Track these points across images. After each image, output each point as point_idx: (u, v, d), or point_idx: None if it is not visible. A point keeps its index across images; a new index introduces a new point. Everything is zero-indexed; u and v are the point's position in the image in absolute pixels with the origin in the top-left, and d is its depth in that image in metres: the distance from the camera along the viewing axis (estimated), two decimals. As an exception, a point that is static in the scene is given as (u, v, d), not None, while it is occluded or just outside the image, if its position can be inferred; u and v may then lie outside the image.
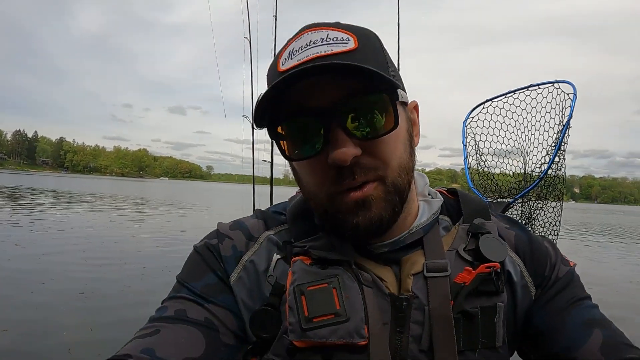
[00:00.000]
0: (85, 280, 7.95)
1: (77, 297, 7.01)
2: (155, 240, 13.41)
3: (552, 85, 3.16)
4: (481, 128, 3.56)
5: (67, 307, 6.55)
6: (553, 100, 3.17)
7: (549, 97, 3.19)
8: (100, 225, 16.39)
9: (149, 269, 9.27)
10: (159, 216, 21.80)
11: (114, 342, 5.23)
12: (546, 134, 3.30)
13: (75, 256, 10.02)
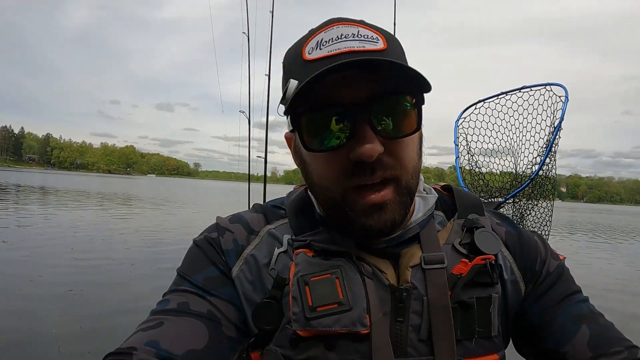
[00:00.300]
0: (74, 278, 7.91)
1: (66, 294, 6.97)
2: (143, 237, 13.34)
3: (544, 88, 3.18)
4: (473, 128, 3.58)
5: (56, 304, 6.51)
6: (545, 102, 3.19)
7: (541, 99, 3.21)
8: (87, 222, 16.29)
9: (137, 266, 9.24)
10: (146, 213, 21.67)
11: (104, 339, 5.24)
12: (537, 135, 3.32)
13: (63, 253, 9.97)
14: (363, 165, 0.82)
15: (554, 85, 3.14)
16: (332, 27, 0.85)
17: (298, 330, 0.85)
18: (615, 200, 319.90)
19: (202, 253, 0.97)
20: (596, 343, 0.89)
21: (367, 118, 0.80)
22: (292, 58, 0.89)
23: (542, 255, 1.02)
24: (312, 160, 0.90)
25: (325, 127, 0.83)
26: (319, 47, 0.84)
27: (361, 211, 0.85)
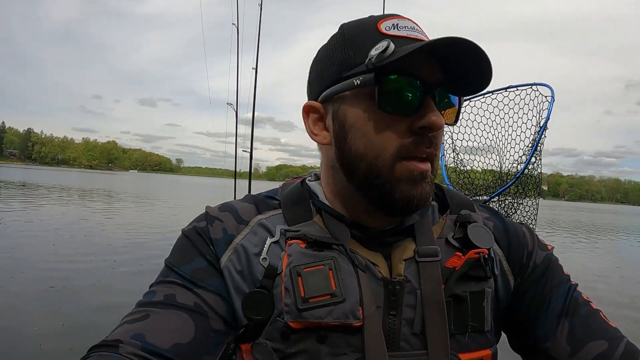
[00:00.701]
0: (56, 274, 7.82)
1: (48, 291, 6.88)
2: (125, 233, 13.22)
3: (530, 88, 3.19)
4: (458, 127, 3.58)
5: (37, 301, 6.43)
6: (531, 102, 3.21)
7: (527, 99, 3.23)
8: (69, 218, 16.10)
9: (120, 261, 9.15)
10: (128, 209, 21.55)
11: (87, 335, 5.16)
12: (523, 134, 3.34)
13: (44, 249, 9.85)
14: (423, 137, 0.84)
15: (540, 86, 3.16)
16: (403, 18, 0.90)
17: (290, 321, 0.84)
18: (596, 198, 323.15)
19: (190, 244, 0.95)
20: (575, 337, 0.90)
21: (435, 97, 0.85)
22: (362, 30, 0.90)
23: (530, 247, 1.02)
24: (369, 124, 0.88)
25: (404, 93, 0.85)
26: (397, 28, 0.87)
27: (410, 178, 0.86)
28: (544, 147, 3.16)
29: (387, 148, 0.86)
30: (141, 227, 14.83)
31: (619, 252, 18.57)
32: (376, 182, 0.88)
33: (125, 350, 0.76)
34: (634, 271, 13.03)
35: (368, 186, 0.90)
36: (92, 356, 0.76)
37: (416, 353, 0.87)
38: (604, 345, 0.89)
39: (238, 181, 7.43)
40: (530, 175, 3.29)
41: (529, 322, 0.96)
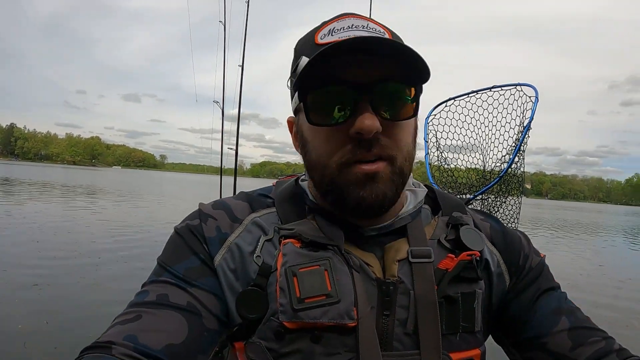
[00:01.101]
0: (39, 272, 7.80)
1: (31, 289, 6.87)
2: (110, 229, 13.22)
3: (515, 88, 3.21)
4: (442, 126, 3.60)
5: (21, 299, 6.41)
6: (515, 102, 3.22)
7: (511, 98, 3.24)
8: (53, 215, 16.01)
9: (104, 259, 9.14)
10: (112, 206, 21.41)
11: (72, 333, 5.17)
12: (507, 134, 3.36)
13: (28, 247, 9.81)
14: (361, 141, 0.84)
15: (524, 86, 3.17)
16: (344, 18, 0.91)
17: (285, 321, 0.85)
18: (578, 197, 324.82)
19: (183, 242, 0.95)
20: (576, 334, 0.94)
21: (369, 98, 0.84)
22: (304, 43, 0.94)
23: (525, 250, 1.05)
24: (314, 136, 0.92)
25: (330, 103, 0.86)
26: (331, 33, 0.89)
27: (356, 181, 0.87)
28: (527, 147, 3.18)
29: (332, 157, 0.88)
30: (125, 224, 14.79)
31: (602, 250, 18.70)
32: (329, 189, 0.91)
33: (118, 351, 0.76)
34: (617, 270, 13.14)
35: (325, 192, 0.93)
36: (84, 358, 0.76)
37: (409, 353, 0.89)
38: (602, 342, 0.93)
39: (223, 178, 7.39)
40: (513, 174, 3.31)
41: (522, 318, 0.99)
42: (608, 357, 0.91)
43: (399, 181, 0.91)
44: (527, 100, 3.13)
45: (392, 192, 0.89)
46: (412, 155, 0.94)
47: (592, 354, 0.91)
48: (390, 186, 0.89)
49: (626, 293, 9.82)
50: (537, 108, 3.01)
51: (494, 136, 3.44)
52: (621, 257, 16.93)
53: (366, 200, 0.88)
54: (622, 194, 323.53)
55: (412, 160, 0.94)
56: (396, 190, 0.91)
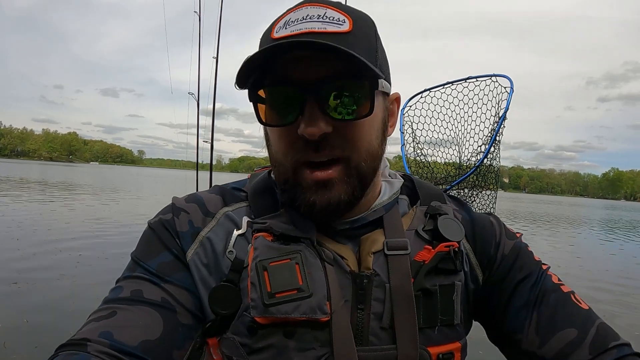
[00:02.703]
0: (19, 270, 7.68)
1: (11, 287, 6.76)
2: (89, 226, 13.08)
3: (490, 79, 3.22)
4: (418, 117, 3.60)
5: (0, 298, 6.31)
6: (490, 92, 3.23)
7: (486, 89, 3.25)
8: (32, 211, 15.79)
9: (85, 256, 9.04)
10: (91, 202, 21.24)
11: (53, 332, 5.10)
12: (482, 124, 3.37)
13: (6, 245, 9.66)
14: (309, 142, 0.82)
15: (499, 77, 3.18)
16: (301, 7, 0.86)
17: (256, 317, 0.84)
18: (556, 191, 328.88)
19: (156, 237, 0.94)
20: (544, 327, 0.91)
21: (316, 98, 0.82)
22: (264, 36, 0.90)
23: (497, 237, 1.02)
24: (271, 134, 0.91)
25: (278, 103, 0.85)
26: (285, 26, 0.84)
27: (307, 187, 0.86)
28: (503, 139, 3.20)
29: (286, 155, 0.87)
30: (105, 220, 14.68)
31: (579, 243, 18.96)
32: (284, 188, 0.90)
33: (94, 348, 0.75)
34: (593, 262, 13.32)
35: (282, 190, 0.93)
36: (59, 355, 0.75)
37: (385, 347, 0.87)
38: (574, 332, 0.90)
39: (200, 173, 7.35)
40: (489, 165, 3.32)
41: (499, 314, 0.97)
42: (578, 349, 0.88)
43: (356, 182, 0.88)
44: (502, 90, 3.15)
45: (348, 195, 0.87)
46: (376, 152, 0.91)
47: (559, 350, 0.89)
48: (345, 189, 0.87)
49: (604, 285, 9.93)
50: (514, 103, 3.03)
51: (470, 127, 3.45)
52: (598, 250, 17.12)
53: (317, 205, 0.86)
54: (598, 188, 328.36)
55: (377, 158, 0.92)
56: (353, 193, 0.88)
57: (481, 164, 3.20)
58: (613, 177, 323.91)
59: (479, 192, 3.47)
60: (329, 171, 0.85)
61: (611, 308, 7.88)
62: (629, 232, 25.91)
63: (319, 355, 0.85)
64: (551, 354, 0.90)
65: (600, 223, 33.34)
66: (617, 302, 8.42)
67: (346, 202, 0.87)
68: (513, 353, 0.97)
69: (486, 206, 3.48)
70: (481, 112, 3.35)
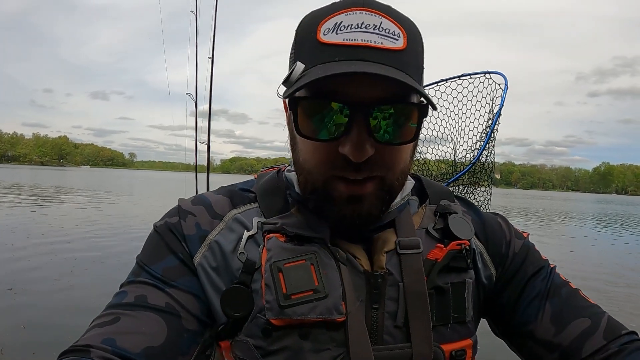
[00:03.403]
0: (14, 275, 7.61)
1: (6, 293, 6.68)
2: (84, 230, 12.97)
3: (484, 76, 3.23)
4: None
5: (-4, 304, 6.25)
6: (484, 89, 3.24)
7: (480, 86, 3.26)
8: (25, 217, 15.70)
9: (80, 260, 8.96)
10: (85, 206, 21.07)
11: (51, 337, 5.04)
12: (477, 121, 3.38)
13: (1, 250, 9.57)
14: (350, 162, 0.80)
15: (493, 74, 3.19)
16: (354, 10, 0.80)
17: (272, 319, 0.83)
18: (547, 186, 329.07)
19: (161, 240, 0.92)
20: (559, 317, 0.94)
21: (366, 120, 0.78)
22: (306, 33, 0.84)
23: (507, 237, 1.03)
24: (303, 143, 0.87)
25: (323, 118, 0.80)
26: (336, 30, 0.79)
27: (339, 200, 0.84)
28: (497, 136, 3.21)
29: (318, 169, 0.84)
30: (99, 224, 14.55)
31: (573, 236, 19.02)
32: (311, 197, 0.88)
33: (96, 354, 0.75)
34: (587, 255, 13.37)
35: (308, 198, 0.90)
36: None
37: (400, 346, 0.88)
38: (587, 321, 0.92)
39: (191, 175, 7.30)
40: (484, 162, 3.33)
41: (512, 307, 0.99)
42: (593, 336, 0.91)
43: (386, 198, 0.87)
44: (497, 87, 3.16)
45: (377, 210, 0.86)
46: (408, 169, 0.90)
47: (576, 337, 0.92)
48: (376, 204, 0.85)
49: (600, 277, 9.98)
50: (506, 98, 3.04)
51: (464, 124, 3.47)
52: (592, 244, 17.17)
53: (347, 219, 0.85)
54: (589, 182, 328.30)
55: (407, 173, 0.91)
56: (382, 207, 0.87)
57: (477, 160, 3.22)
58: (604, 171, 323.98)
59: (474, 189, 3.49)
60: (363, 186, 0.83)
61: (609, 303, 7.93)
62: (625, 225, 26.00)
63: (335, 356, 0.84)
64: (567, 340, 0.92)
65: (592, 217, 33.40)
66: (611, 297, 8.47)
67: (374, 218, 0.87)
68: (526, 343, 0.98)
69: (481, 203, 3.49)
70: (475, 109, 3.36)
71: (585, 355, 0.90)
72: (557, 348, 0.93)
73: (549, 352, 0.94)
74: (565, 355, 0.92)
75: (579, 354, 0.91)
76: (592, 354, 0.90)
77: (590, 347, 0.90)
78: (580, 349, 0.91)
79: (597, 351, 0.90)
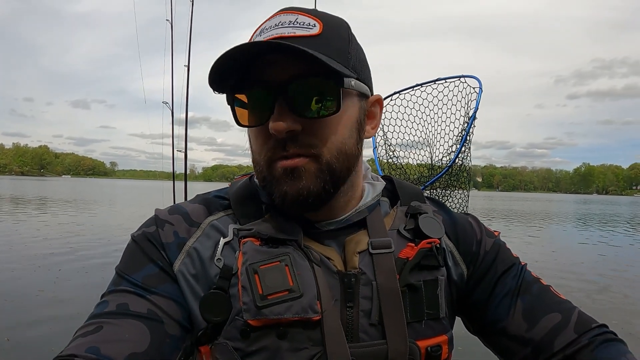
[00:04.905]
0: (-3, 287, 7.55)
1: (-11, 306, 6.62)
2: (68, 240, 12.80)
3: (459, 80, 3.26)
4: (389, 119, 3.63)
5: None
6: (459, 93, 3.28)
7: (455, 90, 3.30)
8: (6, 228, 15.49)
9: (64, 270, 8.87)
10: (67, 216, 20.88)
11: (35, 350, 4.99)
12: (452, 125, 3.41)
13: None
14: (278, 140, 0.85)
15: (468, 77, 3.22)
16: (276, 15, 0.90)
17: (249, 320, 0.84)
18: (529, 188, 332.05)
19: (140, 250, 0.93)
20: (530, 313, 0.96)
21: (285, 97, 0.84)
22: None
23: (478, 235, 1.05)
24: (251, 134, 0.93)
25: (254, 105, 0.88)
26: (261, 33, 0.88)
27: (278, 177, 0.87)
28: (474, 138, 3.25)
29: (260, 154, 0.90)
30: (82, 234, 14.35)
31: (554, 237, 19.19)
32: (262, 185, 0.93)
33: None
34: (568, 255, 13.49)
35: (262, 188, 0.95)
36: None
37: (375, 343, 0.89)
38: (558, 316, 0.95)
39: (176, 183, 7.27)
40: (461, 164, 3.35)
41: (484, 305, 1.01)
42: (564, 331, 0.93)
43: (327, 178, 0.89)
44: (472, 91, 3.19)
45: (317, 187, 0.88)
46: (350, 151, 0.92)
47: (547, 332, 0.94)
48: (315, 182, 0.87)
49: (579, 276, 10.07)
50: (484, 102, 3.07)
51: (440, 127, 3.50)
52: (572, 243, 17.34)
53: (289, 195, 0.87)
54: (570, 183, 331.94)
55: (351, 156, 0.93)
56: (324, 186, 0.89)
57: (453, 163, 3.24)
58: (584, 172, 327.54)
59: (452, 191, 3.51)
60: (295, 160, 0.86)
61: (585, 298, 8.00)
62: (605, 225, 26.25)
63: (312, 355, 0.86)
64: (539, 336, 0.94)
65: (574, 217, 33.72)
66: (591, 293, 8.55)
67: (316, 194, 0.88)
68: (499, 340, 1.00)
69: (459, 205, 3.51)
70: (451, 112, 3.39)
71: (557, 349, 0.92)
72: (530, 343, 0.95)
73: (522, 347, 0.96)
74: (537, 349, 0.94)
75: (551, 348, 0.93)
76: (563, 347, 0.92)
77: (562, 341, 0.93)
78: (552, 343, 0.93)
79: (569, 345, 0.92)
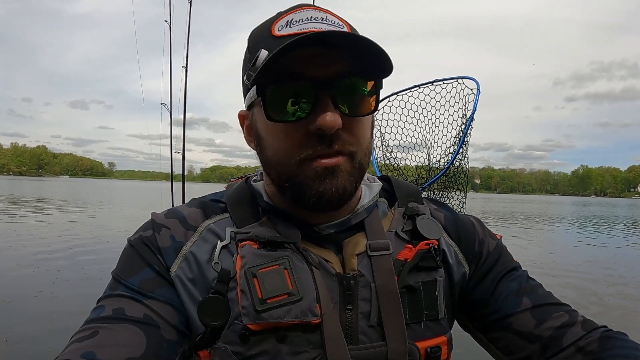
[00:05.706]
0: (-4, 288, 7.53)
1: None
2: (67, 241, 12.75)
3: (456, 81, 3.26)
4: (387, 121, 3.63)
5: (-23, 317, 6.15)
6: (457, 94, 3.28)
7: (453, 92, 3.29)
8: (6, 228, 15.44)
9: (63, 270, 8.87)
10: (67, 217, 20.86)
11: (33, 352, 4.98)
12: (450, 126, 3.41)
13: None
14: (322, 137, 0.83)
15: (465, 79, 3.22)
16: (302, 9, 0.88)
17: (248, 324, 0.84)
18: (527, 190, 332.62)
19: (136, 254, 0.93)
20: (539, 311, 0.96)
21: (330, 94, 0.82)
22: (260, 34, 0.90)
23: (480, 236, 1.05)
24: (271, 132, 0.89)
25: (290, 99, 0.84)
26: (289, 25, 0.86)
27: (315, 176, 0.85)
28: (473, 140, 3.25)
29: (290, 154, 0.87)
30: (82, 234, 14.38)
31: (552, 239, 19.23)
32: (287, 185, 0.89)
33: None
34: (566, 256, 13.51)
35: (283, 189, 0.91)
36: None
37: (375, 345, 0.89)
38: (566, 316, 0.95)
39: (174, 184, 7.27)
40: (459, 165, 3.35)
41: (486, 303, 1.00)
42: (572, 328, 0.93)
43: (358, 176, 0.89)
44: (469, 92, 3.19)
45: (351, 186, 0.88)
46: (370, 149, 0.94)
47: (557, 327, 0.94)
48: (349, 180, 0.87)
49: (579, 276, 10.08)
50: (482, 104, 3.07)
51: (438, 129, 3.49)
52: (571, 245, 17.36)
53: (326, 195, 0.86)
54: (568, 185, 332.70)
55: (370, 155, 0.94)
56: (355, 185, 0.89)
57: (451, 165, 3.23)
58: (582, 174, 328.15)
59: (449, 193, 3.50)
60: (335, 159, 0.85)
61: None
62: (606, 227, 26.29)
63: (312, 358, 0.85)
64: (548, 332, 0.94)
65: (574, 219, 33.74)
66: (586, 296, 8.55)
67: (349, 194, 0.88)
68: (503, 336, 0.99)
69: (456, 207, 3.51)
70: (449, 114, 3.39)
71: (567, 344, 0.92)
72: (538, 339, 0.95)
73: (529, 344, 0.95)
74: (545, 345, 0.94)
75: (560, 344, 0.93)
76: (573, 342, 0.92)
77: (571, 336, 0.93)
78: (561, 338, 0.93)
79: (579, 339, 0.92)
